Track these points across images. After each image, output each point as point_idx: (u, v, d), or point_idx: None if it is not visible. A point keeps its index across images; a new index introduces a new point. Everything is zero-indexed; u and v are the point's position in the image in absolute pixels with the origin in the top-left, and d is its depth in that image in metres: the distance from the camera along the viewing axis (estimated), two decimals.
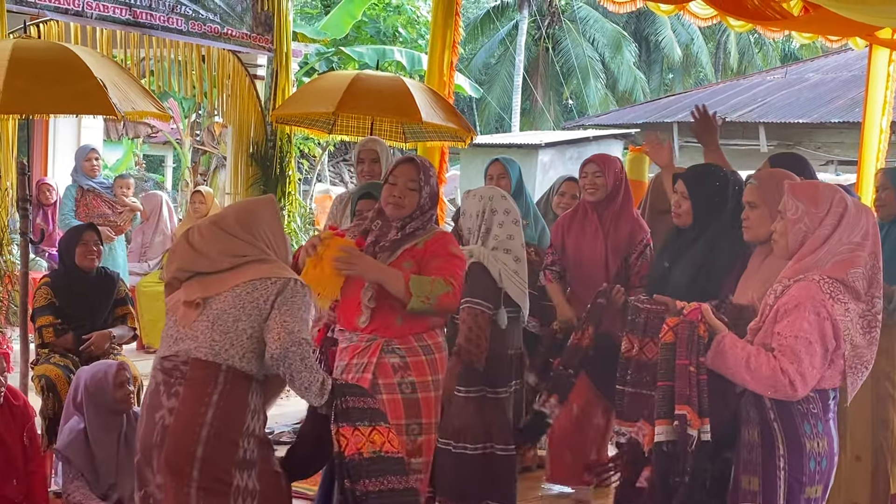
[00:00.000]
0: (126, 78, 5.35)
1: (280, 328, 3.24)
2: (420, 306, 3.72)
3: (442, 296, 3.74)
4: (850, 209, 3.33)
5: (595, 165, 5.18)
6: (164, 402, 3.28)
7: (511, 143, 16.85)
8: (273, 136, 7.55)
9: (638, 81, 29.20)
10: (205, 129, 14.17)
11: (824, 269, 3.28)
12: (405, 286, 3.72)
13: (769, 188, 3.65)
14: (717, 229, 4.09)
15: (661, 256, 4.34)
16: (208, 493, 3.22)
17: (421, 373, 3.83)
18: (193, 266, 3.40)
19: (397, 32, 18.08)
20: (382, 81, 6.55)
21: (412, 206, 3.88)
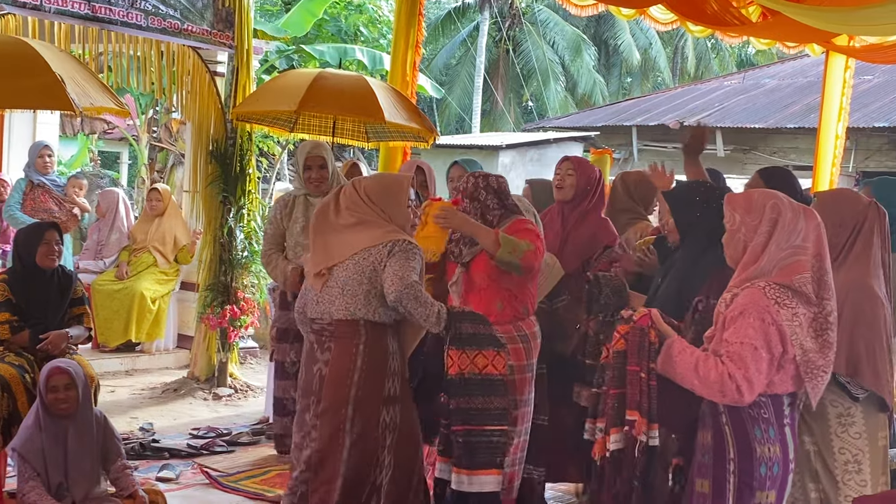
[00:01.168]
0: (84, 73, 5.29)
1: (392, 276, 3.84)
2: (508, 257, 4.25)
3: (527, 252, 4.27)
4: (784, 214, 3.36)
5: (569, 164, 5.20)
6: (318, 357, 3.98)
7: (472, 144, 16.88)
8: (233, 133, 7.47)
9: (597, 85, 29.37)
10: (162, 126, 13.99)
11: (771, 276, 3.32)
12: (495, 238, 4.28)
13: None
14: (696, 242, 4.07)
15: (657, 273, 4.35)
16: (359, 427, 3.89)
17: (518, 358, 4.41)
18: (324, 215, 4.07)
19: (358, 31, 18.00)
20: (345, 80, 6.52)
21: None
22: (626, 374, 3.55)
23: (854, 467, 3.99)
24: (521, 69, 28.81)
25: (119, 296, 8.35)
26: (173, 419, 6.93)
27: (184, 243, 8.59)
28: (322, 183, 5.73)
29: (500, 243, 4.26)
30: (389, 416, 3.92)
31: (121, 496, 4.56)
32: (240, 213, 7.56)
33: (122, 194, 9.34)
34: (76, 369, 4.48)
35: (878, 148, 16.57)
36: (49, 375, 4.39)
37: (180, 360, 8.54)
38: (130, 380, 8.00)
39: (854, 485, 3.98)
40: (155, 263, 8.56)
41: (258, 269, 7.81)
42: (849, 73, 9.01)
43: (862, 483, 3.98)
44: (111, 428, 4.69)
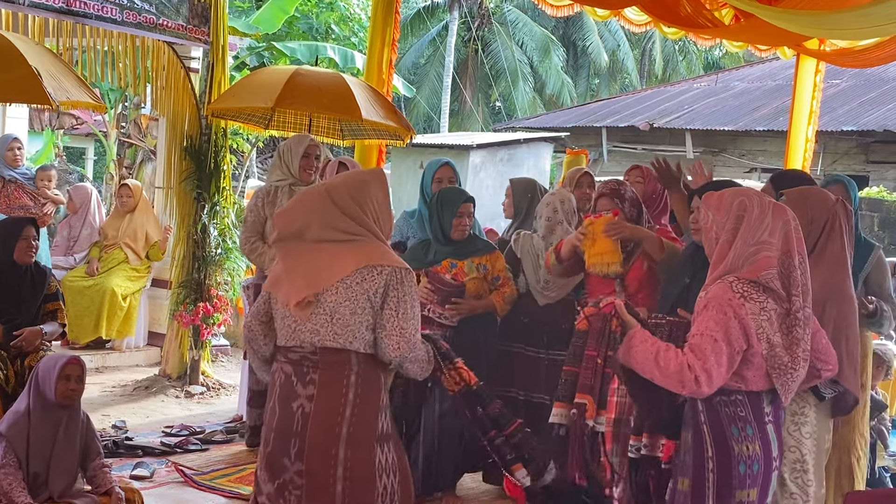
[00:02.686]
0: (61, 67, 5.25)
1: (398, 336, 3.31)
2: (669, 260, 4.49)
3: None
4: (751, 210, 3.39)
5: (639, 172, 5.50)
6: (300, 392, 3.33)
7: (443, 143, 16.86)
8: (208, 129, 7.43)
9: (565, 85, 29.48)
10: (131, 122, 13.88)
11: (740, 272, 3.36)
12: (660, 243, 4.58)
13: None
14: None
15: (681, 272, 4.30)
16: (353, 472, 3.31)
17: None
18: (297, 235, 3.41)
19: (330, 29, 17.95)
20: (322, 77, 6.50)
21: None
22: (582, 356, 3.55)
23: (800, 466, 4.05)
24: (490, 69, 28.87)
25: (90, 292, 8.27)
26: (146, 417, 6.87)
27: (155, 240, 8.53)
28: (314, 172, 5.91)
29: (664, 247, 4.54)
30: (385, 457, 3.37)
31: (97, 493, 4.54)
32: (214, 210, 7.51)
33: (93, 189, 9.25)
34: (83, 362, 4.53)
35: (845, 151, 16.78)
36: (65, 364, 4.41)
37: (151, 357, 8.47)
38: (101, 377, 7.92)
39: (801, 483, 4.03)
40: (126, 260, 8.49)
41: (231, 266, 7.77)
42: (819, 77, 9.12)
43: (808, 482, 4.03)
44: (92, 427, 4.70)
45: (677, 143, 17.82)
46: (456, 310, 5.11)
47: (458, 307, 5.12)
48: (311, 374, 3.33)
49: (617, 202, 4.81)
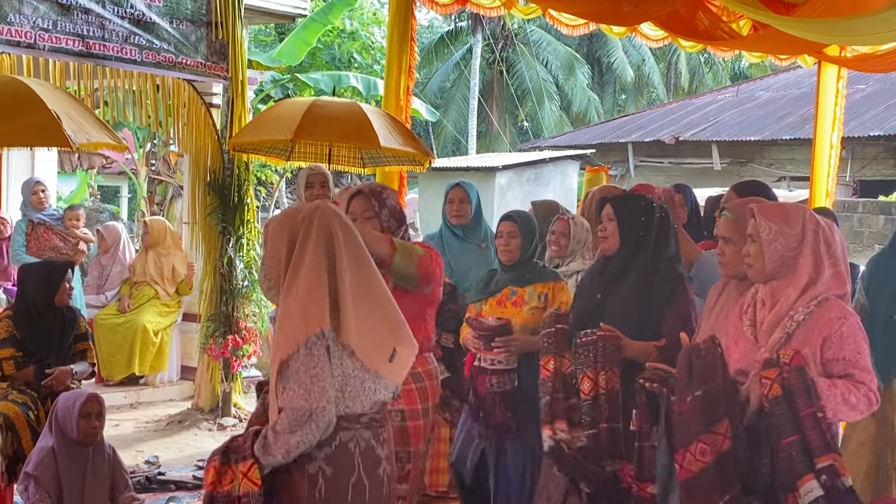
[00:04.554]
0: (80, 109, 5.31)
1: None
2: (404, 262, 3.84)
3: (422, 257, 3.90)
4: (822, 225, 3.34)
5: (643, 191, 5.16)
6: (380, 455, 3.05)
7: (469, 165, 16.91)
8: (230, 164, 7.51)
9: (592, 102, 29.47)
10: (160, 159, 14.06)
11: (829, 288, 3.29)
12: (389, 241, 3.86)
13: (744, 222, 3.51)
14: (648, 258, 4.02)
15: (590, 287, 4.21)
16: None
17: (410, 401, 3.94)
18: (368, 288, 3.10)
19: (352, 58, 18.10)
20: (340, 107, 6.55)
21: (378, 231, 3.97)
22: (794, 420, 3.13)
23: None
24: (516, 90, 28.93)
25: (121, 329, 8.36)
26: (179, 451, 6.92)
27: (183, 275, 8.62)
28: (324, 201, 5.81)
29: (395, 247, 3.86)
30: None
31: None
32: (239, 243, 7.58)
33: (123, 228, 9.38)
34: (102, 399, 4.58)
35: (874, 156, 16.62)
36: (84, 402, 4.47)
37: (184, 391, 8.54)
38: (135, 413, 8.00)
39: None
40: (156, 296, 8.58)
41: (259, 297, 7.82)
42: (842, 83, 9.04)
43: None
44: (119, 460, 4.76)
45: (704, 156, 17.73)
46: (505, 349, 4.56)
47: (507, 345, 4.56)
48: (383, 434, 3.07)
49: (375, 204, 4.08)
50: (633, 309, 3.95)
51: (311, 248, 2.90)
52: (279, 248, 2.96)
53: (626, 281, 4.03)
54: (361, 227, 3.80)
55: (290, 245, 2.93)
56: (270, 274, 3.03)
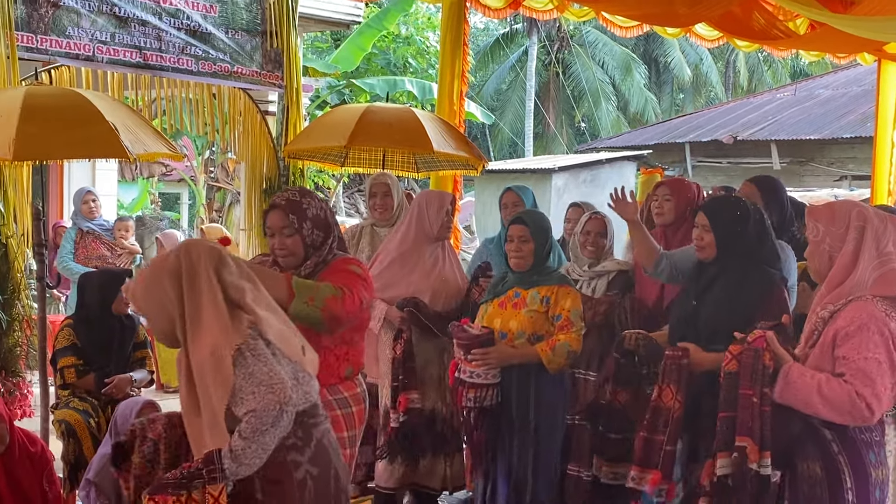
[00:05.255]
0: (137, 120, 5.39)
1: None
2: (304, 309, 3.36)
3: (330, 298, 3.41)
4: (871, 220, 3.25)
5: (665, 188, 5.13)
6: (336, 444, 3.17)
7: (525, 168, 16.87)
8: (286, 170, 7.59)
9: (649, 102, 29.26)
10: (219, 166, 14.26)
11: (869, 288, 3.20)
12: (287, 285, 3.36)
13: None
14: (742, 262, 3.97)
15: (688, 294, 4.16)
16: None
17: (336, 429, 3.50)
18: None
19: (407, 63, 18.19)
20: (393, 113, 6.58)
21: (299, 249, 3.61)
22: (737, 398, 3.30)
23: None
24: (572, 91, 28.82)
25: None
26: None
27: None
28: (386, 211, 5.81)
29: (293, 291, 3.38)
30: None
31: None
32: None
33: (181, 235, 9.51)
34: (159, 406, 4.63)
35: None
36: (141, 409, 4.54)
37: None
38: None
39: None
40: None
41: None
42: None
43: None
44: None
45: (763, 155, 17.49)
46: (482, 361, 4.20)
47: (483, 358, 4.20)
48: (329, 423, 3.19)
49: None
50: (725, 315, 3.86)
51: (200, 281, 2.91)
52: (163, 298, 2.95)
53: (719, 287, 3.97)
54: (257, 268, 3.38)
55: (175, 289, 2.93)
56: (161, 327, 3.01)
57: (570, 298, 4.35)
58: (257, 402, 2.78)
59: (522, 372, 4.23)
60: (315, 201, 3.66)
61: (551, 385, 4.35)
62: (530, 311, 4.32)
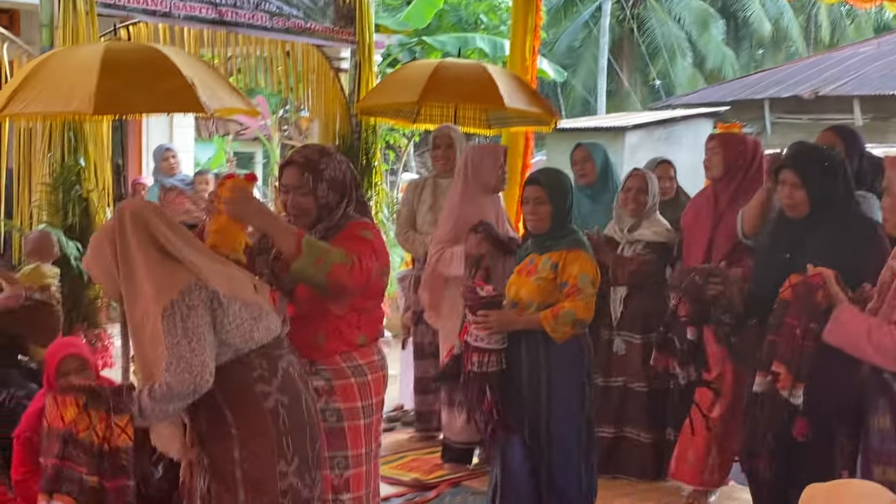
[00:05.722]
0: (214, 76, 5.47)
1: None
2: (309, 270, 3.17)
3: (338, 265, 3.20)
4: None
5: (714, 142, 4.98)
6: (305, 374, 3.20)
7: (597, 126, 16.68)
8: (358, 127, 7.63)
9: (726, 58, 28.65)
10: (292, 124, 14.37)
11: None
12: (297, 242, 3.16)
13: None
14: (837, 212, 3.82)
15: (776, 248, 3.96)
16: None
17: (348, 398, 3.41)
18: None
19: (479, 20, 18.06)
20: (465, 69, 6.56)
21: (311, 209, 3.43)
22: (782, 325, 3.33)
23: None
24: (647, 47, 28.34)
25: None
26: None
27: None
28: (448, 162, 5.83)
29: (301, 249, 3.16)
30: None
31: None
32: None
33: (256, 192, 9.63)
34: None
35: None
36: None
37: None
38: None
39: None
40: None
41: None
42: None
43: None
44: None
45: (845, 111, 17.04)
46: (483, 324, 3.99)
47: (484, 321, 3.99)
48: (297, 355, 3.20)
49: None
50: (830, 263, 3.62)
51: (131, 239, 2.92)
52: (105, 262, 2.98)
53: (816, 239, 3.81)
54: (270, 217, 3.26)
55: (112, 251, 2.95)
56: (110, 292, 3.08)
57: (577, 263, 4.05)
58: (173, 377, 2.81)
59: (531, 340, 4.02)
60: (334, 162, 3.48)
61: (566, 353, 4.07)
62: (539, 279, 4.08)
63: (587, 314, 4.03)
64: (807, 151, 4.08)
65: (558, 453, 4.10)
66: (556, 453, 4.10)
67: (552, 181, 4.17)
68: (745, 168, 4.88)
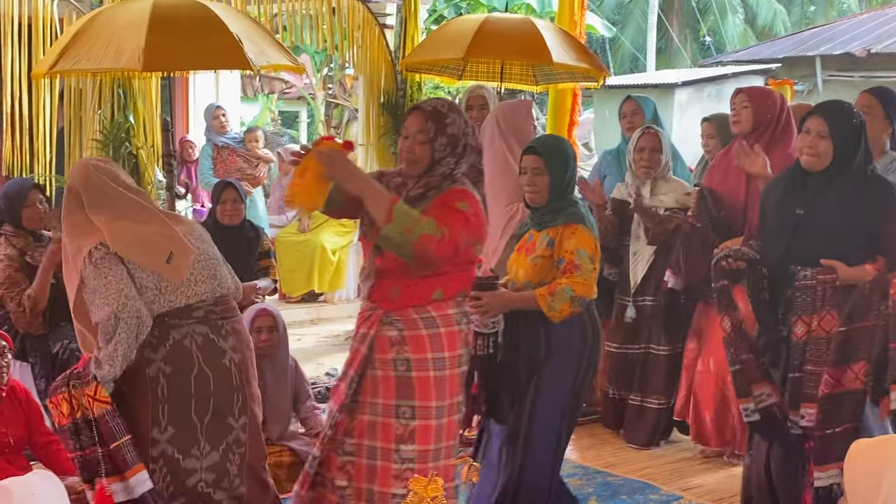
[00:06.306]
0: (260, 32, 5.45)
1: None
2: (396, 236, 3.18)
3: (426, 236, 3.19)
4: None
5: (743, 96, 4.88)
6: (224, 346, 3.34)
7: (646, 82, 16.50)
8: (403, 84, 7.60)
9: (778, 15, 28.13)
10: (336, 83, 14.35)
11: None
12: (388, 208, 3.19)
13: None
14: (857, 171, 3.74)
15: (787, 202, 3.84)
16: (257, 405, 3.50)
17: (419, 349, 3.38)
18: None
19: None
20: (511, 24, 6.48)
21: (425, 159, 3.41)
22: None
23: None
24: (697, 3, 27.88)
25: (301, 248, 8.68)
26: None
27: None
28: (482, 123, 5.80)
29: (392, 217, 3.17)
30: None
31: (309, 435, 4.81)
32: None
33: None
34: (279, 314, 4.75)
35: None
36: (255, 317, 4.68)
37: None
38: (315, 328, 8.34)
39: None
40: None
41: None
42: None
43: None
44: (301, 372, 4.98)
45: None
46: (475, 308, 3.71)
47: (478, 305, 3.72)
48: (225, 326, 3.36)
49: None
50: (841, 226, 3.66)
51: (72, 198, 3.28)
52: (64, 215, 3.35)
53: (833, 195, 3.72)
54: (365, 180, 3.32)
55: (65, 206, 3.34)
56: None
57: (574, 238, 3.78)
58: (98, 315, 3.06)
59: (531, 320, 3.79)
60: (460, 120, 3.45)
61: (566, 334, 3.81)
62: (536, 258, 3.85)
63: (586, 291, 3.74)
64: (838, 104, 3.99)
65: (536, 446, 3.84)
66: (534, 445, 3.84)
67: (550, 150, 3.93)
68: (774, 123, 4.80)
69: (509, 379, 3.90)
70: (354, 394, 3.42)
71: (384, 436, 3.36)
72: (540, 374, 3.80)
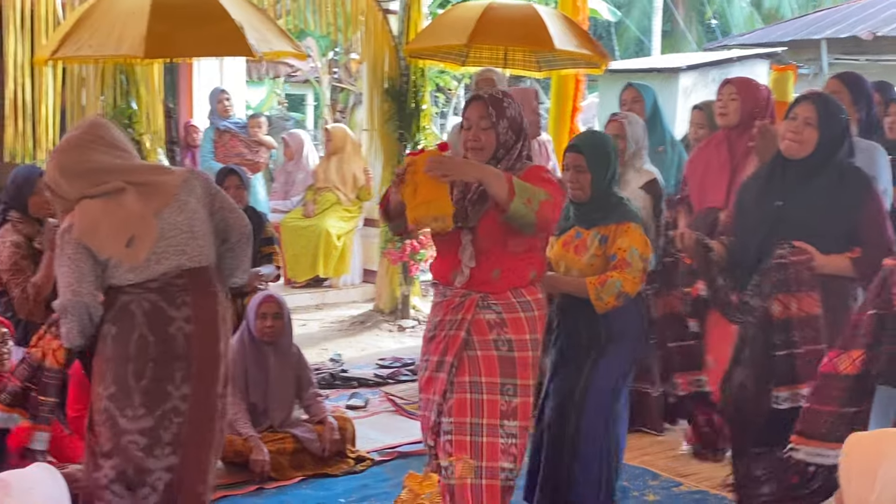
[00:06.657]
0: (263, 19, 5.46)
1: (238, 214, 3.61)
2: (522, 208, 3.30)
3: (544, 202, 3.35)
4: None
5: (731, 87, 4.78)
6: (174, 314, 3.32)
7: (651, 67, 16.38)
8: (407, 70, 7.59)
9: None
10: (342, 67, 14.34)
11: None
12: (509, 185, 3.29)
13: None
14: (838, 162, 3.72)
15: (767, 193, 3.79)
16: (227, 384, 3.49)
17: (518, 330, 3.52)
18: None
19: None
20: (514, 10, 6.47)
21: (491, 144, 3.52)
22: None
23: None
24: None
25: (306, 233, 8.69)
26: (361, 350, 7.20)
27: (363, 182, 8.83)
28: None
29: (514, 190, 3.30)
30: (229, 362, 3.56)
31: (312, 422, 4.84)
32: (416, 149, 7.70)
33: (307, 135, 9.66)
34: (284, 301, 4.77)
35: None
36: (260, 303, 4.71)
37: (366, 294, 8.83)
38: (320, 314, 8.35)
39: None
40: (338, 201, 8.85)
41: None
42: None
43: None
44: (304, 359, 5.01)
45: None
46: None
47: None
48: (182, 297, 3.34)
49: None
50: (820, 216, 3.65)
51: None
52: None
53: (812, 186, 3.69)
54: (480, 166, 3.39)
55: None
56: None
57: (627, 236, 3.92)
58: (60, 299, 3.27)
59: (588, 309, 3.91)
60: (514, 104, 3.59)
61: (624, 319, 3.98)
62: (591, 257, 3.96)
63: (633, 288, 3.89)
64: (829, 96, 3.96)
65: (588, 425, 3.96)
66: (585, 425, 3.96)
67: (592, 148, 4.00)
68: (760, 117, 4.69)
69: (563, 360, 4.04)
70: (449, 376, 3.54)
71: (490, 412, 3.47)
72: (600, 354, 3.96)
